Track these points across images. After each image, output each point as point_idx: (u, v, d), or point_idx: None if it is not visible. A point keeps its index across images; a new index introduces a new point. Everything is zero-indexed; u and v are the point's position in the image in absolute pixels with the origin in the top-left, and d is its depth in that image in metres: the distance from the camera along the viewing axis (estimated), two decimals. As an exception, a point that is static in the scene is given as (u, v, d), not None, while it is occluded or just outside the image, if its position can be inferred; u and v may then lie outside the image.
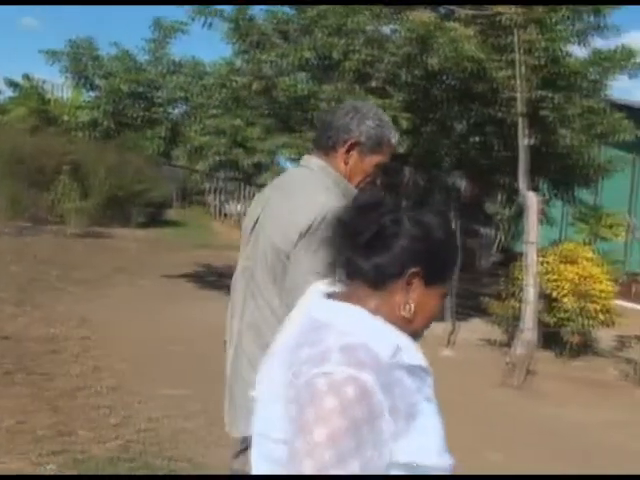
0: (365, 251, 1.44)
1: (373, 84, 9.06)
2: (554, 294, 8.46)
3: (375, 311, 1.42)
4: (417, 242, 1.44)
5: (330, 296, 1.49)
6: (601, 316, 8.55)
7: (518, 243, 10.58)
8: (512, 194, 9.41)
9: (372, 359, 1.33)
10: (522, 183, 7.82)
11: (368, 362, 1.32)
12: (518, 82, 8.09)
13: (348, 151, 2.39)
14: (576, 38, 9.49)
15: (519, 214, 9.04)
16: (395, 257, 1.43)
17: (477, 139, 9.85)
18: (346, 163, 2.39)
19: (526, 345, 7.44)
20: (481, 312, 9.83)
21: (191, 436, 5.16)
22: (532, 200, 7.43)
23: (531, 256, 7.43)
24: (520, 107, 8.10)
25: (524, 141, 7.98)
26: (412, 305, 1.46)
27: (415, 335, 1.47)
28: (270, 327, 2.15)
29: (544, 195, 10.10)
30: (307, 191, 2.31)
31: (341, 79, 8.99)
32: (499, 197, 10.42)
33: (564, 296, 8.43)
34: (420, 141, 9.21)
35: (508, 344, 8.23)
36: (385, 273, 1.44)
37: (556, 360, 8.66)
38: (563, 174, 10.01)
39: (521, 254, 8.00)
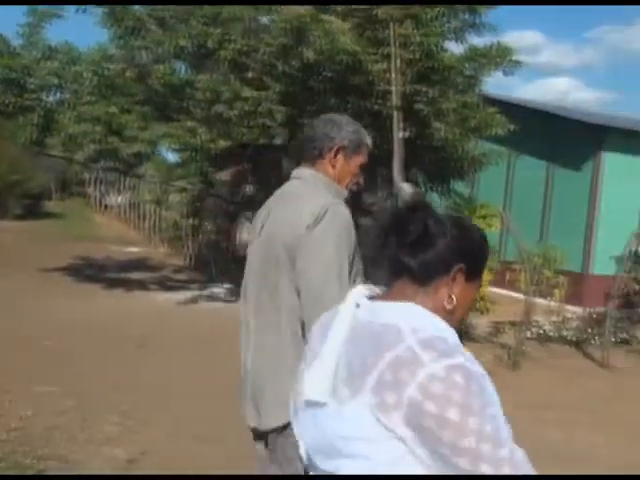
0: (412, 250, 1.57)
1: (250, 75, 9.00)
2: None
3: (422, 306, 1.55)
4: (459, 241, 1.59)
5: (374, 297, 1.62)
6: (476, 304, 8.80)
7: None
8: (390, 186, 9.57)
9: (450, 346, 1.48)
10: (397, 175, 7.96)
11: (450, 349, 1.47)
12: (393, 75, 8.22)
13: (335, 156, 2.63)
14: (453, 35, 9.72)
15: (397, 206, 9.20)
16: (441, 255, 1.57)
17: (354, 131, 9.92)
18: (334, 167, 2.63)
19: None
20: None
21: (63, 434, 5.05)
22: (407, 192, 7.56)
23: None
24: (395, 100, 8.23)
25: (399, 134, 8.12)
26: (455, 298, 1.60)
27: (455, 326, 1.59)
28: (289, 324, 2.45)
29: (420, 187, 10.33)
30: (306, 196, 2.54)
31: (217, 68, 8.89)
32: (378, 189, 10.56)
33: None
34: (298, 133, 9.23)
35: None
36: (431, 270, 1.58)
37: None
38: (438, 167, 10.25)
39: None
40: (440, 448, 1.41)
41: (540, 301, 10.10)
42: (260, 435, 2.59)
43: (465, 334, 9.43)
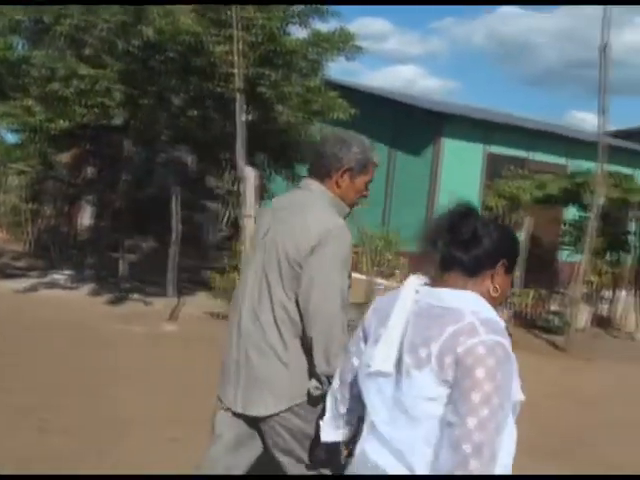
0: (464, 247, 1.98)
1: (87, 52, 8.67)
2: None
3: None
4: (501, 241, 2.02)
5: (427, 285, 2.03)
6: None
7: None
8: (234, 169, 9.54)
9: (501, 329, 1.86)
10: (240, 158, 7.94)
11: (501, 331, 1.84)
12: (236, 58, 8.16)
13: (341, 176, 2.86)
14: (297, 19, 9.74)
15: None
16: (488, 252, 1.99)
17: (196, 113, 9.80)
18: (339, 187, 2.88)
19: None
20: (206, 286, 9.91)
21: None
22: (249, 175, 7.56)
23: (249, 229, 7.56)
24: (238, 83, 8.19)
25: (242, 117, 8.09)
26: (498, 287, 2.01)
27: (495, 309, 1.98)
28: (285, 321, 2.75)
29: (264, 170, 10.35)
30: (313, 211, 2.78)
31: (53, 44, 8.51)
32: (223, 172, 10.50)
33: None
34: (138, 114, 9.01)
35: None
36: (480, 264, 1.99)
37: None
38: (282, 150, 10.30)
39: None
40: (455, 391, 1.79)
41: (382, 282, 10.42)
42: (250, 420, 2.87)
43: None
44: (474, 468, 1.74)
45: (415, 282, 2.08)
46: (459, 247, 2.00)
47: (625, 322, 11.50)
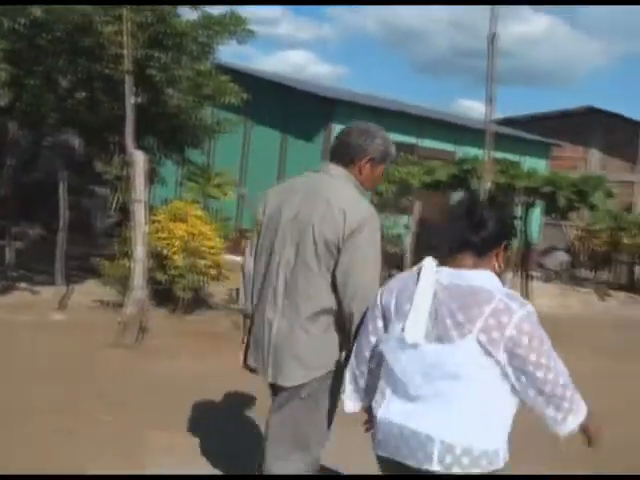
0: (474, 230, 2.43)
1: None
2: (165, 252, 8.60)
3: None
4: (503, 225, 2.51)
5: (440, 265, 2.46)
6: (212, 271, 8.91)
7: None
8: (123, 153, 9.34)
9: (519, 296, 2.44)
10: (129, 142, 7.79)
11: (520, 298, 2.42)
12: (125, 39, 7.99)
13: (364, 164, 3.18)
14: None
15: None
16: (493, 234, 2.45)
17: (84, 95, 9.53)
18: (361, 173, 3.18)
19: (137, 304, 7.49)
20: (95, 274, 9.69)
21: None
22: (139, 159, 7.43)
23: (139, 215, 7.45)
24: (127, 64, 8.02)
25: (131, 99, 7.94)
26: (502, 264, 2.52)
27: None
28: (314, 300, 3.00)
29: (154, 154, 10.18)
30: (345, 196, 3.05)
31: None
32: (112, 156, 10.26)
33: (175, 253, 8.61)
34: (23, 95, 8.68)
35: (123, 304, 8.22)
36: (488, 244, 2.45)
37: (171, 317, 8.86)
38: (173, 134, 10.13)
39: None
40: (526, 366, 2.31)
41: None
42: (279, 388, 3.16)
43: (203, 302, 9.54)
44: (576, 398, 2.44)
45: (432, 264, 2.46)
46: (470, 231, 2.44)
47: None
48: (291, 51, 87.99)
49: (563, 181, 11.45)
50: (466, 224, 2.45)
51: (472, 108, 58.87)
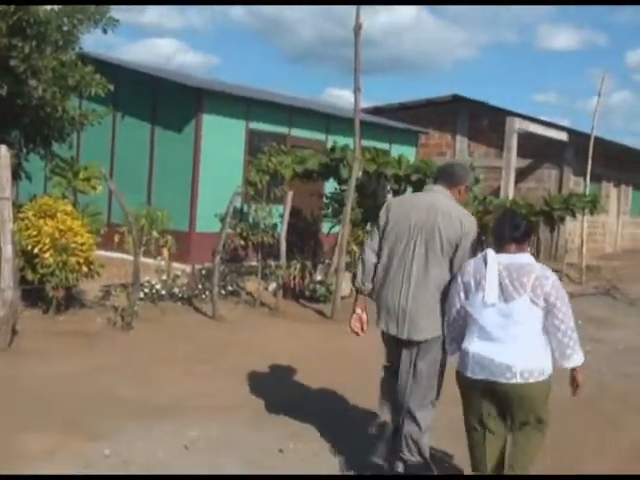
0: (515, 230, 4.12)
1: None
2: (35, 250, 8.42)
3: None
4: (528, 226, 4.22)
5: (498, 252, 4.11)
6: (84, 268, 8.79)
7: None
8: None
9: (547, 267, 4.12)
10: (-7, 136, 7.57)
11: (549, 269, 4.11)
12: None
13: (461, 190, 4.79)
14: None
15: None
16: (524, 232, 4.15)
17: None
18: (459, 194, 4.78)
19: (8, 305, 7.33)
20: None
21: None
22: (3, 153, 7.22)
23: (6, 212, 7.26)
24: (-12, 54, 7.79)
25: (-7, 91, 7.72)
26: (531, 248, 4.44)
27: None
28: (431, 285, 4.48)
29: (19, 149, 9.92)
30: (459, 210, 4.62)
31: None
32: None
33: (45, 251, 8.43)
34: None
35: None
36: (523, 238, 4.14)
37: (43, 317, 8.72)
38: (38, 127, 9.89)
39: None
40: (553, 309, 3.96)
41: (149, 261, 10.42)
42: (410, 343, 4.54)
43: (76, 300, 9.41)
44: (578, 345, 4.07)
45: (492, 252, 4.11)
46: (511, 231, 4.15)
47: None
48: (159, 39, 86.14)
49: (431, 168, 11.87)
50: (508, 227, 4.18)
51: (342, 97, 59.85)
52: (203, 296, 10.52)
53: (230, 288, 11.19)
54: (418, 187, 12.06)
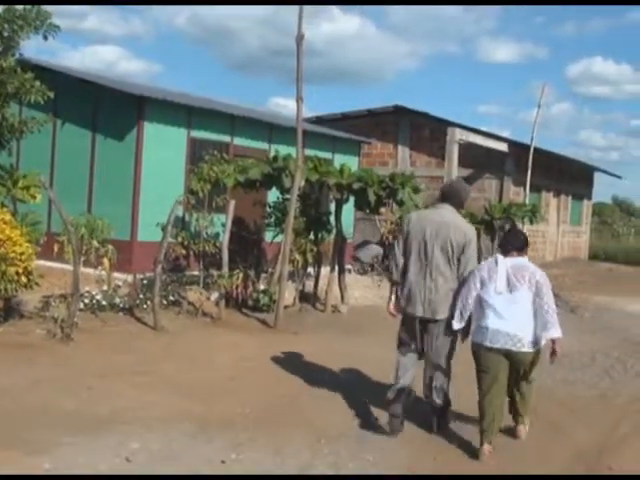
0: (517, 240, 5.98)
1: None
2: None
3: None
4: (526, 237, 6.12)
5: (505, 256, 5.86)
6: (23, 278, 8.68)
7: None
8: None
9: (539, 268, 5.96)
10: None
11: (540, 269, 5.91)
12: None
13: (463, 207, 6.47)
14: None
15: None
16: (523, 240, 5.98)
17: None
18: (460, 211, 6.38)
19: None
20: None
21: None
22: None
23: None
24: None
25: None
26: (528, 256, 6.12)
27: None
28: (447, 279, 6.04)
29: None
30: (462, 222, 6.23)
31: None
32: None
33: (-17, 262, 8.30)
34: None
35: None
36: (523, 246, 5.91)
37: (-22, 329, 8.59)
38: (-25, 135, 9.79)
39: None
40: (541, 294, 5.63)
41: (90, 271, 10.34)
42: (429, 321, 6.08)
43: (15, 311, 9.29)
44: (557, 322, 5.62)
45: (501, 256, 5.78)
46: (515, 241, 5.92)
47: (329, 296, 12.49)
48: (100, 46, 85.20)
49: (372, 178, 12.02)
50: (513, 239, 6.01)
51: (285, 106, 59.98)
52: (144, 306, 10.47)
53: (172, 298, 11.16)
54: (360, 196, 12.21)
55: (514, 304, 5.64)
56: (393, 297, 6.33)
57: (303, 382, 7.56)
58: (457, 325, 5.97)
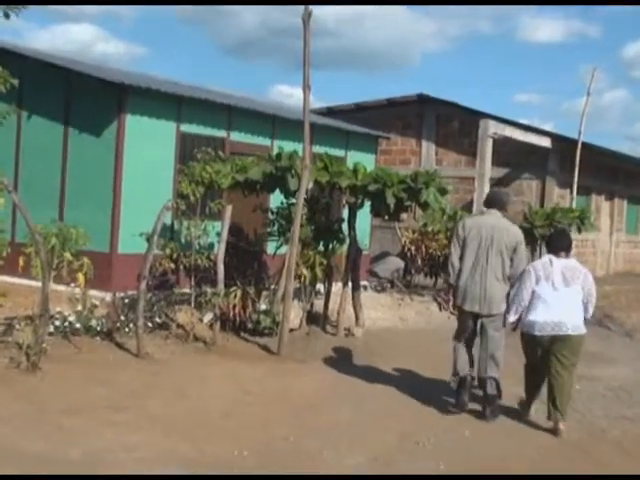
0: (565, 241, 8.05)
1: None
2: None
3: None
4: (571, 240, 8.30)
5: (557, 256, 7.88)
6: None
7: None
8: None
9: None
10: None
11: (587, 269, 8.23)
12: None
13: (506, 210, 8.52)
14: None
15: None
16: (570, 242, 8.11)
17: None
18: (505, 213, 8.43)
19: None
20: None
21: None
22: None
23: None
24: None
25: None
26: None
27: None
28: (500, 278, 8.01)
29: None
30: (512, 226, 8.23)
31: None
32: None
33: None
34: None
35: None
36: (570, 247, 8.03)
37: None
38: None
39: None
40: (587, 290, 7.79)
41: (62, 288, 10.26)
42: (486, 316, 8.01)
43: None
44: (592, 307, 7.87)
45: (553, 256, 7.77)
46: (564, 242, 7.95)
47: (342, 317, 12.38)
48: (73, 25, 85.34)
49: (391, 178, 11.85)
50: (559, 239, 8.03)
51: (291, 95, 59.94)
52: (126, 329, 10.42)
53: (158, 320, 11.10)
54: (377, 199, 12.07)
55: (566, 299, 7.62)
56: (452, 297, 8.27)
57: (310, 421, 7.48)
58: (512, 318, 7.89)
